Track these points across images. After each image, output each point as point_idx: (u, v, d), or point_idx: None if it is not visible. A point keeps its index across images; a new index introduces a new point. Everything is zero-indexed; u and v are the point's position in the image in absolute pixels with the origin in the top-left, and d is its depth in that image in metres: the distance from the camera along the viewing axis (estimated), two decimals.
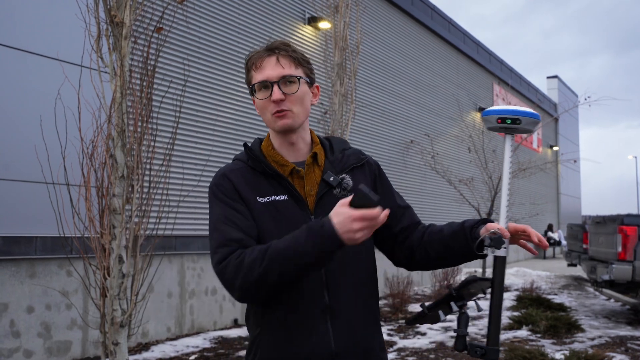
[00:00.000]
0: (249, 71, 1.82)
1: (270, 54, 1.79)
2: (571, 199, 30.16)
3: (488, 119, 1.75)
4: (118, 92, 4.27)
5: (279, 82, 1.75)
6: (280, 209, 1.74)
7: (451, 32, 16.72)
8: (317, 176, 1.81)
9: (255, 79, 1.78)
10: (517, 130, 1.74)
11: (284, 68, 1.76)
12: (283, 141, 1.82)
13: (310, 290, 1.70)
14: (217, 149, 8.11)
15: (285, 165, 1.79)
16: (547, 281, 13.70)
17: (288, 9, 9.91)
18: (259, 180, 1.78)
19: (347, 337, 1.73)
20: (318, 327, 1.70)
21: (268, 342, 1.73)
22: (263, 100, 1.77)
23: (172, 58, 7.32)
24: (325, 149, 1.87)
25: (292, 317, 1.70)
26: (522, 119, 1.70)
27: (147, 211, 4.46)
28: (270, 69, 1.76)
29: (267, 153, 1.83)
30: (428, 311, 1.72)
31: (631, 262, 8.23)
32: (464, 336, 1.65)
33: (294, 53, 1.81)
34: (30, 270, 5.83)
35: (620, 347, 6.90)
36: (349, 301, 1.74)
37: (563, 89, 29.52)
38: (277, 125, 1.77)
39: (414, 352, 6.69)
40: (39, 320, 5.87)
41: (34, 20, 6.08)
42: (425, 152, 14.08)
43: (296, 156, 1.83)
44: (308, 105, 1.83)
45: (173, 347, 6.80)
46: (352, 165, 1.85)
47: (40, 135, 4.73)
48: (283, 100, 1.75)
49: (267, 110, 1.78)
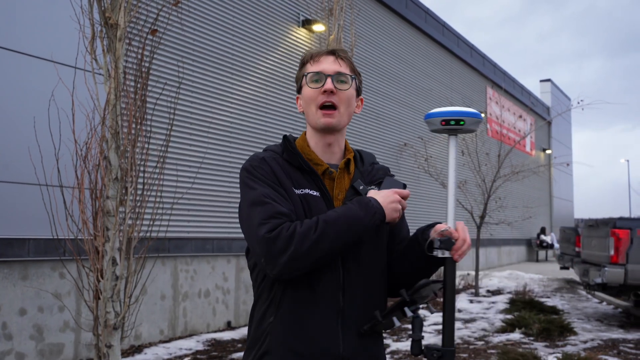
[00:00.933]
0: (304, 65, 1.86)
1: (329, 53, 1.84)
2: (564, 202, 30.27)
3: (431, 121, 1.74)
4: (112, 94, 4.26)
5: (333, 76, 1.79)
6: (311, 203, 1.75)
7: (445, 35, 16.78)
8: (346, 182, 1.83)
9: (310, 70, 1.82)
10: (461, 131, 1.73)
11: (340, 66, 1.81)
12: (319, 140, 1.84)
13: (326, 291, 1.71)
14: (211, 151, 8.10)
15: (320, 165, 1.81)
16: (539, 284, 13.74)
17: (282, 11, 9.92)
18: (294, 172, 1.79)
19: (356, 342, 1.74)
20: (329, 328, 1.71)
21: (280, 331, 1.72)
22: (314, 89, 1.79)
23: (167, 60, 7.31)
24: (356, 159, 1.90)
25: (306, 314, 1.71)
26: (466, 119, 1.70)
27: (140, 213, 4.45)
28: (328, 64, 1.81)
29: (302, 150, 1.84)
30: (382, 318, 1.72)
31: (623, 265, 8.27)
32: (419, 340, 1.66)
33: (352, 60, 1.87)
34: (22, 272, 5.80)
35: (612, 350, 6.93)
36: (360, 306, 1.75)
37: (556, 92, 29.64)
38: (321, 122, 1.79)
39: (407, 355, 6.69)
40: (31, 323, 5.84)
41: (28, 22, 6.06)
42: (418, 154, 14.11)
43: (329, 158, 1.85)
44: (352, 110, 1.86)
45: (166, 350, 6.78)
46: (379, 179, 1.87)
47: (33, 137, 4.72)
48: (334, 92, 1.78)
49: (314, 103, 1.80)
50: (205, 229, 7.98)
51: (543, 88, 28.94)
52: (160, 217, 4.74)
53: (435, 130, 1.77)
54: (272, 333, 1.73)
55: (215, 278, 8.19)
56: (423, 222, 14.02)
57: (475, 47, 19.11)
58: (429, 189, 14.76)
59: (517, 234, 21.75)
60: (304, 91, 1.83)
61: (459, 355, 6.59)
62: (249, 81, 8.95)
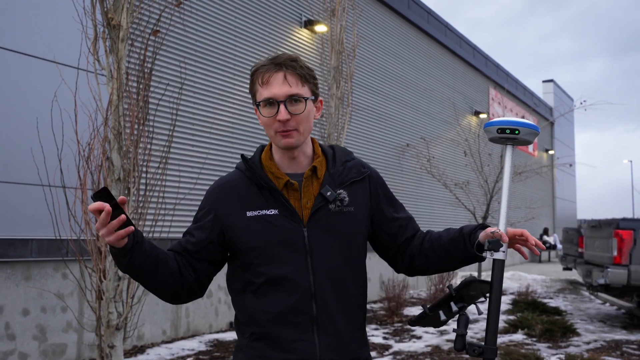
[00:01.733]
0: (254, 84, 1.80)
1: (277, 69, 1.75)
2: (567, 202, 30.22)
3: (489, 129, 1.81)
4: (115, 94, 4.26)
5: (285, 101, 1.73)
6: (269, 222, 1.76)
7: (447, 36, 16.76)
8: (315, 189, 1.81)
9: (262, 95, 1.76)
10: (517, 141, 1.80)
11: (291, 87, 1.74)
12: (284, 154, 1.83)
13: (298, 301, 1.73)
14: (214, 152, 8.11)
15: (280, 178, 1.80)
16: (542, 285, 13.72)
17: (285, 12, 9.92)
18: (252, 193, 1.80)
19: (333, 347, 1.75)
20: (305, 337, 1.73)
21: (254, 348, 1.76)
22: (268, 118, 1.76)
23: (169, 61, 7.32)
24: (327, 160, 1.87)
25: (280, 326, 1.73)
26: (521, 129, 1.77)
27: (143, 214, 4.46)
28: (277, 87, 1.74)
29: (265, 163, 1.84)
30: (430, 312, 1.76)
31: (626, 266, 8.25)
32: (463, 336, 1.70)
33: (301, 69, 1.78)
34: (25, 273, 5.81)
35: (615, 351, 6.91)
36: (336, 312, 1.76)
37: (559, 92, 29.60)
38: (281, 144, 1.78)
39: (410, 356, 6.68)
40: (34, 323, 5.85)
41: (31, 23, 6.07)
42: (421, 155, 14.10)
43: (295, 168, 1.84)
44: (312, 121, 1.84)
45: (169, 350, 6.78)
46: (351, 180, 1.85)
47: (36, 138, 4.73)
48: (289, 120, 1.74)
49: (271, 128, 1.77)
50: None
51: (546, 89, 28.91)
52: (163, 218, 4.74)
53: (492, 139, 1.84)
54: (251, 348, 1.77)
55: (218, 279, 8.15)
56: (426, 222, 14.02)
57: (477, 47, 19.09)
58: (431, 189, 14.74)
59: None
60: (260, 116, 1.80)
61: (461, 357, 6.58)
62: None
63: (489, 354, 1.69)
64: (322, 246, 1.76)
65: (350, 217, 1.81)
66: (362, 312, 1.87)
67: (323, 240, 1.76)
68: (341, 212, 1.80)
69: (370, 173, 1.92)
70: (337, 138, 8.13)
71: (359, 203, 1.84)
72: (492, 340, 1.71)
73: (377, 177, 1.94)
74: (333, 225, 1.78)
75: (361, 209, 1.85)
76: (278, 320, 1.73)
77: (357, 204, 1.84)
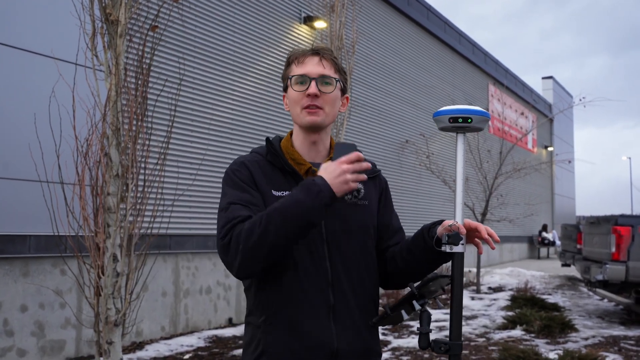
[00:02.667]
0: (289, 65, 1.88)
1: (314, 54, 1.85)
2: (566, 199, 30.23)
3: (440, 119, 1.76)
4: (113, 90, 4.26)
5: (317, 79, 1.81)
6: None
7: (447, 32, 16.75)
8: None
9: (294, 72, 1.84)
10: (469, 129, 1.75)
11: (324, 68, 1.83)
12: (305, 139, 1.86)
13: (316, 289, 1.75)
14: (212, 148, 8.10)
15: (302, 164, 1.84)
16: (541, 281, 13.73)
17: (284, 8, 9.90)
18: (276, 174, 1.82)
19: (349, 337, 1.77)
20: (322, 324, 1.74)
21: (269, 333, 1.75)
22: (298, 92, 1.82)
23: (168, 57, 7.30)
24: None
25: (298, 313, 1.74)
26: (473, 117, 1.72)
27: (141, 210, 4.45)
28: (312, 66, 1.83)
29: (285, 150, 1.87)
30: (391, 311, 1.75)
31: (625, 262, 8.26)
32: (427, 333, 1.68)
33: (336, 59, 1.88)
34: (23, 269, 5.81)
35: (613, 347, 6.93)
36: (352, 302, 1.79)
37: (558, 89, 29.58)
38: (306, 120, 1.81)
39: (409, 352, 6.69)
40: (33, 319, 5.85)
41: (28, 18, 6.05)
42: (420, 152, 14.09)
43: (314, 157, 1.87)
44: (337, 110, 1.88)
45: (167, 346, 6.79)
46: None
47: (34, 134, 4.71)
48: (318, 96, 1.80)
49: (298, 104, 1.82)
50: (207, 226, 7.98)
51: (545, 85, 28.88)
52: (161, 214, 4.74)
53: (443, 128, 1.78)
54: (267, 333, 1.76)
55: (217, 275, 8.19)
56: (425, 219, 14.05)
57: (477, 44, 19.06)
58: (430, 186, 14.74)
59: (519, 231, 21.73)
60: (289, 92, 1.86)
61: None
62: (250, 78, 8.94)
63: (455, 350, 1.65)
64: (338, 236, 1.79)
65: (364, 210, 1.86)
66: (375, 306, 1.88)
67: (339, 230, 1.79)
68: (356, 205, 1.84)
69: (380, 174, 1.97)
70: (337, 134, 8.13)
71: (372, 198, 1.89)
72: (457, 335, 1.67)
73: (384, 180, 1.99)
74: (349, 216, 1.82)
75: (373, 204, 1.90)
76: (295, 307, 1.73)
77: (371, 198, 1.89)
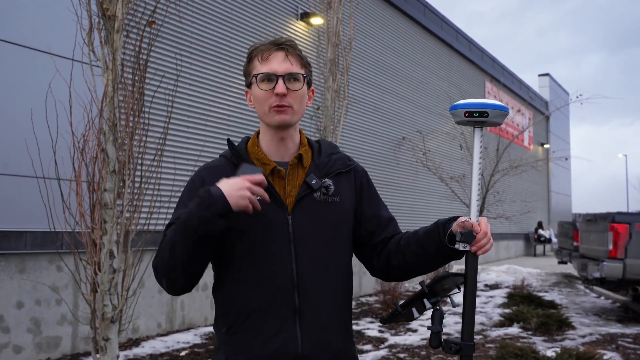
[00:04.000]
0: (251, 61, 1.80)
1: (278, 49, 1.78)
2: (562, 196, 30.29)
3: (456, 112, 1.72)
4: (110, 86, 4.23)
5: (284, 76, 1.74)
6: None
7: (444, 29, 16.73)
8: (300, 177, 1.79)
9: (259, 70, 1.77)
10: (486, 123, 1.72)
11: (292, 65, 1.77)
12: (273, 136, 1.80)
13: (279, 291, 1.69)
14: (209, 143, 8.07)
15: (267, 164, 1.78)
16: (537, 278, 13.75)
17: (280, 4, 9.87)
18: None
19: (316, 340, 1.71)
20: (286, 328, 1.68)
21: (234, 341, 1.72)
22: (265, 91, 1.75)
23: (165, 52, 7.27)
24: (313, 151, 1.85)
25: (260, 317, 1.69)
26: (490, 111, 1.69)
27: (138, 206, 4.43)
28: (278, 63, 1.76)
29: (251, 150, 1.82)
30: (402, 309, 1.71)
31: (622, 259, 8.27)
32: (439, 333, 1.64)
33: (301, 53, 1.82)
34: (20, 265, 5.78)
35: (611, 345, 6.93)
36: (319, 304, 1.72)
37: (554, 86, 29.62)
38: (275, 119, 1.76)
39: (405, 349, 6.69)
40: (29, 316, 5.82)
41: (25, 14, 6.01)
42: (417, 149, 14.08)
43: (282, 155, 1.81)
44: (305, 105, 1.83)
45: (164, 343, 6.77)
46: (337, 171, 1.83)
47: (30, 129, 4.68)
48: (285, 95, 1.74)
49: (266, 103, 1.76)
50: None
51: (541, 82, 28.91)
52: (158, 210, 4.71)
53: (459, 122, 1.75)
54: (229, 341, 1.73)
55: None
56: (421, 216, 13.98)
57: (474, 41, 19.06)
58: (427, 183, 14.74)
59: (515, 229, 21.76)
60: (255, 91, 1.78)
61: None
62: None
63: (466, 351, 1.62)
64: (306, 235, 1.73)
65: (335, 207, 1.78)
66: (348, 305, 1.82)
67: (308, 229, 1.73)
68: (326, 202, 1.77)
69: (355, 166, 1.90)
70: (333, 131, 8.11)
71: (344, 194, 1.82)
72: (469, 335, 1.64)
73: (362, 171, 1.92)
74: (318, 214, 1.75)
75: (346, 200, 1.82)
76: (258, 311, 1.69)
77: (343, 194, 1.81)
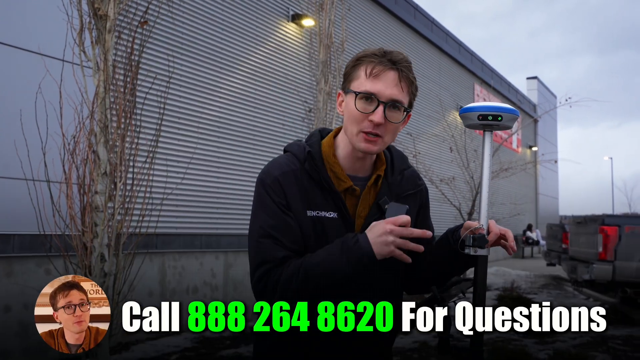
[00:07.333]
0: (357, 68, 1.67)
1: (392, 68, 1.64)
2: (549, 199, 30.47)
3: (468, 115, 1.68)
4: (101, 87, 4.18)
5: (387, 103, 1.62)
6: (326, 225, 1.66)
7: (434, 31, 16.77)
8: (371, 197, 1.73)
9: (364, 87, 1.63)
10: (498, 127, 1.69)
11: (401, 91, 1.64)
12: (352, 154, 1.71)
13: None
14: (201, 146, 8.02)
15: (343, 181, 1.69)
16: (526, 281, 13.79)
17: (272, 5, 9.83)
18: (312, 189, 1.68)
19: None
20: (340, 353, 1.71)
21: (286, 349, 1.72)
22: (361, 113, 1.62)
23: (157, 53, 7.20)
24: (386, 166, 1.77)
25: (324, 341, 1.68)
26: (504, 115, 1.66)
27: (130, 209, 4.38)
28: (386, 85, 1.63)
29: (326, 159, 1.71)
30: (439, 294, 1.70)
31: (612, 262, 8.31)
32: (448, 339, 1.63)
33: (414, 78, 1.68)
34: (7, 269, 5.69)
35: (601, 347, 6.96)
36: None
37: (542, 90, 29.80)
38: (361, 146, 1.65)
39: (398, 352, 6.67)
40: (16, 320, 5.74)
41: (14, 13, 5.93)
42: (407, 151, 14.08)
43: (358, 169, 1.73)
44: (396, 136, 1.73)
45: (154, 347, 6.70)
46: (407, 192, 1.79)
47: (20, 130, 4.61)
48: (381, 124, 1.63)
49: (357, 125, 1.64)
50: (194, 225, 7.89)
51: (529, 85, 29.09)
52: (150, 213, 4.66)
53: (470, 126, 1.70)
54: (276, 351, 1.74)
55: (204, 274, 8.11)
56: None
57: (463, 44, 19.13)
58: None
59: None
60: (349, 104, 1.66)
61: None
62: (239, 75, 8.86)
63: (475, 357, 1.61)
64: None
65: None
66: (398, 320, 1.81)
67: None
68: None
69: (422, 187, 1.86)
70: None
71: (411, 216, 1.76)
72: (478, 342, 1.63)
73: (426, 192, 1.88)
74: None
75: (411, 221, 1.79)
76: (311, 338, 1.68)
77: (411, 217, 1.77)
